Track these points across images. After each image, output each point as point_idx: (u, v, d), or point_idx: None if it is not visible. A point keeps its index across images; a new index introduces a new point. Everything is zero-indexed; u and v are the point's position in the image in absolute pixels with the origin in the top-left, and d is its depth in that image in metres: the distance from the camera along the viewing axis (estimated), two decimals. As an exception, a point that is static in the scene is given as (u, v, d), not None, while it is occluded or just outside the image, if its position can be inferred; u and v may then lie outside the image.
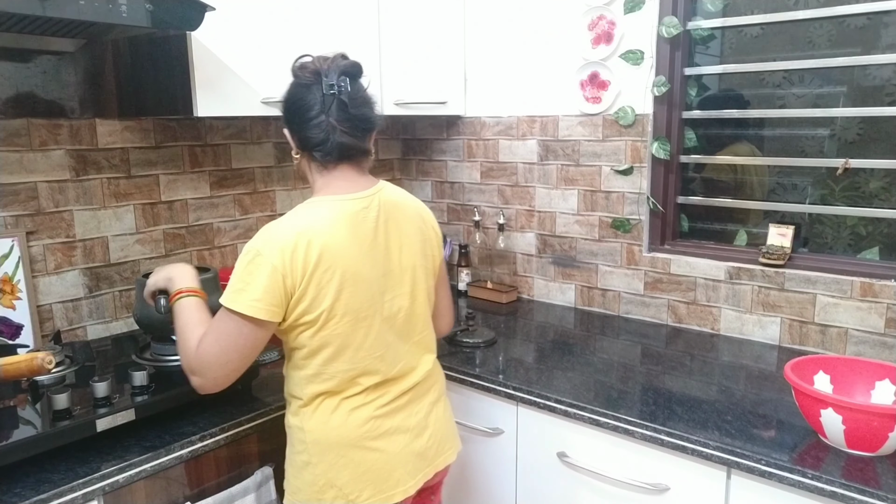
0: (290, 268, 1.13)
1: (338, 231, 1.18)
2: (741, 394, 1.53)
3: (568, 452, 1.54)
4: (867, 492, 1.13)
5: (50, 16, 1.19)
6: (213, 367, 1.16)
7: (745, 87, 1.95)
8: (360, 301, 1.20)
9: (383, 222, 1.25)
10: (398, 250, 1.27)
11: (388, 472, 1.25)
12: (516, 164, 2.32)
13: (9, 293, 1.61)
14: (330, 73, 1.21)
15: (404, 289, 1.28)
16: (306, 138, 1.22)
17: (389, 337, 1.26)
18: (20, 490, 1.14)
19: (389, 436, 1.26)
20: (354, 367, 1.22)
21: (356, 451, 1.23)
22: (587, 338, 1.96)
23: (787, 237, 1.84)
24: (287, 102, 1.25)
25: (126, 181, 1.82)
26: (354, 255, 1.19)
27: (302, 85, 1.22)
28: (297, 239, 1.14)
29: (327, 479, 1.22)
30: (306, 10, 1.79)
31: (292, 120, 1.24)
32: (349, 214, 1.20)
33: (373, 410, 1.24)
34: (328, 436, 1.22)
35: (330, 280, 1.16)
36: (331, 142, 1.21)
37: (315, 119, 1.21)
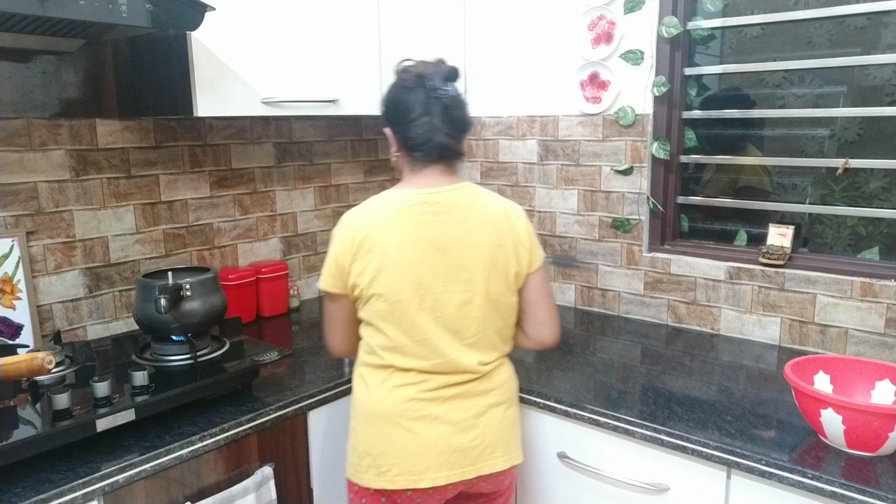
0: (342, 247, 1.30)
1: (386, 218, 1.28)
2: (741, 394, 1.53)
3: (568, 452, 1.54)
4: (867, 492, 1.13)
5: (50, 16, 1.19)
6: (330, 343, 1.42)
7: (745, 87, 1.95)
8: (397, 284, 1.27)
9: (448, 218, 1.30)
10: (457, 248, 1.29)
11: (419, 456, 1.29)
12: (516, 164, 2.32)
13: (9, 293, 1.61)
14: (433, 77, 1.30)
15: (458, 286, 1.29)
16: (409, 138, 1.31)
17: (432, 327, 1.29)
18: (20, 490, 1.14)
19: (428, 422, 1.29)
20: (397, 345, 1.29)
21: (392, 426, 1.29)
22: (587, 338, 1.96)
23: (787, 237, 1.84)
24: (390, 104, 1.35)
25: (126, 181, 1.82)
26: (399, 242, 1.27)
27: (405, 87, 1.31)
28: (354, 223, 1.30)
29: (365, 447, 1.31)
30: (306, 10, 1.79)
31: (395, 120, 1.33)
32: (407, 206, 1.29)
33: (415, 392, 1.30)
34: (370, 405, 1.31)
35: (370, 261, 1.27)
36: (432, 142, 1.30)
37: (418, 120, 1.29)
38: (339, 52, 1.89)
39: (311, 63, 1.82)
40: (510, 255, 1.33)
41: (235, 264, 2.11)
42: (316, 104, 1.85)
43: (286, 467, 1.52)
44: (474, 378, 1.33)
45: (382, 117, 1.37)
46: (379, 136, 2.57)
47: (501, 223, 1.33)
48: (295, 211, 2.27)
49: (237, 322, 1.71)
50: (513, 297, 1.36)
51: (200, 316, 1.55)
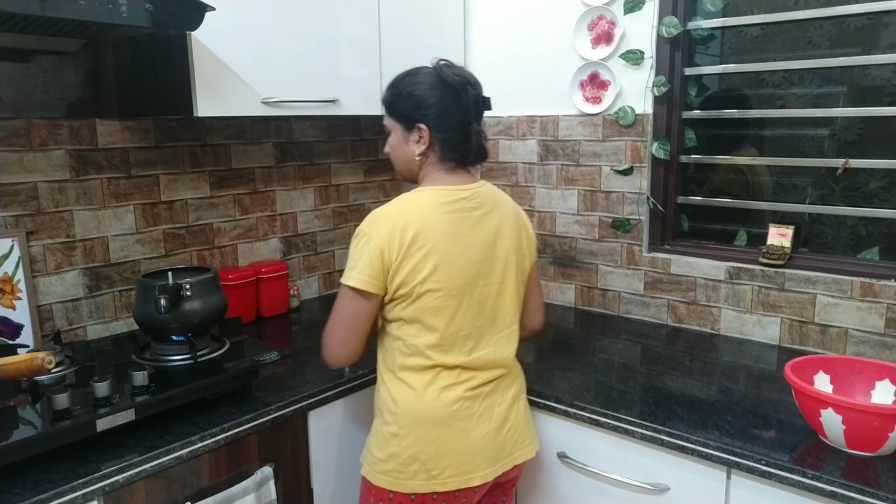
0: (387, 244, 1.24)
1: (434, 215, 1.27)
2: (741, 394, 1.53)
3: (568, 452, 1.54)
4: (867, 492, 1.13)
5: (50, 16, 1.19)
6: (326, 338, 1.32)
7: (746, 87, 1.95)
8: (451, 280, 1.27)
9: (482, 214, 1.33)
10: (493, 241, 1.34)
11: (471, 455, 1.30)
12: (516, 164, 2.32)
13: (9, 293, 1.61)
14: (477, 85, 1.33)
15: (495, 278, 1.34)
16: (451, 140, 1.32)
17: (478, 321, 1.33)
18: (20, 490, 1.14)
19: (476, 419, 1.31)
20: (443, 342, 1.29)
21: (444, 428, 1.28)
22: (587, 338, 1.96)
23: (787, 237, 1.84)
24: (435, 102, 1.30)
25: (126, 181, 1.82)
26: (449, 237, 1.27)
27: (452, 88, 1.30)
28: (396, 219, 1.26)
29: (412, 452, 1.28)
30: (306, 9, 1.79)
31: (439, 119, 1.30)
32: (449, 202, 1.29)
33: (462, 391, 1.30)
34: (420, 409, 1.28)
35: (424, 256, 1.25)
36: (476, 146, 1.34)
37: (464, 124, 1.31)
38: (340, 52, 1.89)
39: (310, 63, 1.82)
40: (525, 248, 1.42)
41: (235, 264, 2.11)
42: (316, 104, 1.85)
43: (286, 467, 1.52)
44: (506, 371, 1.38)
45: (416, 113, 1.31)
46: (380, 137, 2.57)
47: (519, 217, 1.43)
48: (295, 211, 2.27)
49: (237, 322, 1.71)
50: (523, 287, 1.43)
51: (200, 316, 1.55)
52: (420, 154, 1.33)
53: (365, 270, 1.25)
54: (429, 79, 1.31)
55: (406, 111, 1.33)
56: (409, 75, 1.35)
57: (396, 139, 1.37)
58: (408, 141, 1.34)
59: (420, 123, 1.31)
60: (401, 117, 1.34)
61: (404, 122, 1.34)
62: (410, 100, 1.31)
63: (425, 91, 1.30)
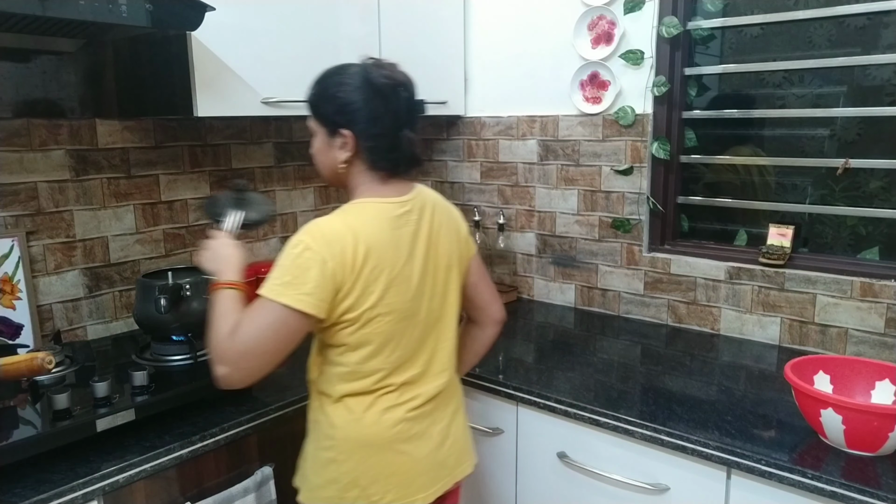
0: (339, 264, 1.12)
1: (383, 231, 1.18)
2: (741, 394, 1.53)
3: (568, 452, 1.54)
4: (867, 492, 1.13)
5: (50, 16, 1.19)
6: (246, 357, 1.12)
7: (746, 87, 1.95)
8: (402, 300, 1.20)
9: (424, 225, 1.26)
10: (436, 253, 1.28)
11: (412, 477, 1.25)
12: (516, 164, 2.32)
13: (9, 293, 1.61)
14: (409, 87, 1.22)
15: (439, 289, 1.29)
16: (379, 148, 1.21)
17: (425, 338, 1.27)
18: (20, 490, 1.14)
19: (417, 440, 1.26)
20: (389, 365, 1.22)
21: (385, 452, 1.22)
22: (587, 338, 1.96)
23: (787, 237, 1.84)
24: (359, 106, 1.19)
25: (126, 181, 1.82)
26: (398, 255, 1.20)
27: (380, 91, 1.18)
28: (346, 235, 1.14)
29: (352, 477, 1.22)
30: (306, 9, 1.79)
31: (363, 124, 1.19)
32: (394, 217, 1.21)
33: (404, 413, 1.24)
34: (360, 434, 1.21)
35: (377, 278, 1.16)
36: (407, 154, 1.23)
37: (393, 130, 1.20)
38: (340, 52, 1.89)
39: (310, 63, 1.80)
40: (463, 248, 1.35)
41: (235, 264, 2.11)
42: (316, 104, 1.85)
43: (286, 467, 1.52)
44: (445, 387, 1.32)
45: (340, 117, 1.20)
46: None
47: (454, 218, 1.35)
48: (295, 211, 2.27)
49: (237, 322, 1.71)
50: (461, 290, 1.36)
51: (200, 316, 1.54)
52: (344, 162, 1.22)
53: (314, 292, 1.11)
54: (355, 79, 1.19)
55: (329, 115, 1.21)
56: (335, 74, 1.23)
57: (320, 143, 1.26)
58: (331, 146, 1.23)
59: (344, 129, 1.19)
60: (324, 121, 1.23)
61: (328, 127, 1.22)
62: (334, 103, 1.20)
63: (350, 94, 1.18)
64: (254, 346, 1.12)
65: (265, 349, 1.12)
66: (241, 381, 1.14)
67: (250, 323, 1.12)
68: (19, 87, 1.61)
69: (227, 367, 1.12)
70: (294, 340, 1.14)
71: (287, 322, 1.11)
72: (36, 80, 1.63)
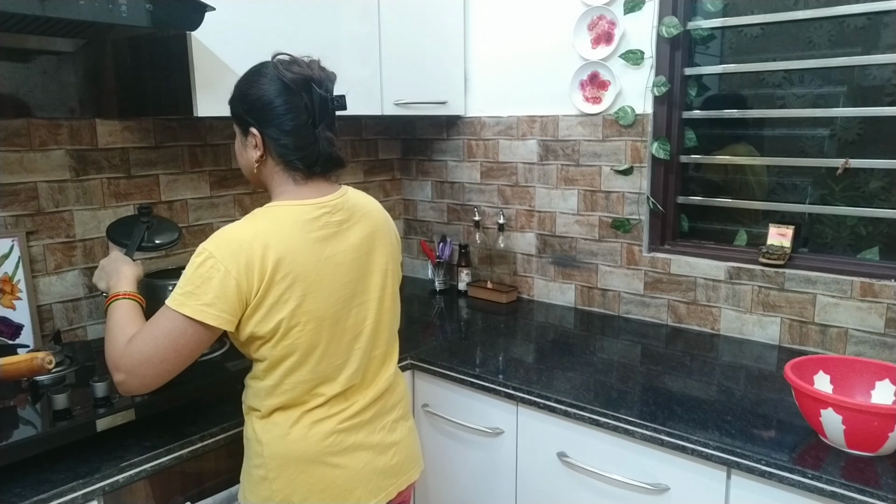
0: (244, 274, 1.08)
1: (297, 236, 1.13)
2: (741, 394, 1.53)
3: (568, 452, 1.54)
4: (867, 492, 1.13)
5: (50, 16, 1.19)
6: (143, 365, 1.09)
7: (745, 87, 1.95)
8: (323, 308, 1.16)
9: (350, 226, 1.22)
10: (366, 255, 1.24)
11: (348, 491, 1.22)
12: (516, 164, 2.32)
13: (9, 293, 1.61)
14: (324, 82, 1.17)
15: (371, 295, 1.25)
16: (288, 146, 1.16)
17: (354, 345, 1.23)
18: (20, 490, 1.14)
19: (352, 452, 1.22)
20: (316, 376, 1.18)
21: (316, 466, 1.19)
22: (587, 338, 1.96)
23: (787, 237, 1.84)
24: (264, 101, 1.15)
25: (126, 181, 1.82)
26: (316, 260, 1.15)
27: (288, 87, 1.14)
28: (253, 243, 1.09)
29: (284, 495, 1.18)
30: (306, 9, 1.79)
31: (269, 122, 1.16)
32: (310, 220, 1.16)
33: (335, 424, 1.20)
34: (287, 450, 1.17)
35: (290, 286, 1.11)
36: (321, 154, 1.18)
37: (304, 128, 1.16)
38: (340, 52, 1.89)
39: (311, 63, 1.82)
40: (396, 252, 1.33)
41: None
42: (316, 104, 1.85)
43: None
44: (384, 394, 1.29)
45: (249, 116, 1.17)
46: (380, 137, 2.57)
47: (386, 221, 1.32)
48: (295, 211, 2.27)
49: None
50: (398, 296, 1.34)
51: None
52: (257, 161, 1.18)
53: (215, 303, 1.07)
54: (266, 78, 1.16)
55: (239, 114, 1.19)
56: (251, 73, 1.20)
57: (237, 144, 1.24)
58: (245, 146, 1.20)
59: (252, 128, 1.17)
60: (236, 120, 1.21)
61: (240, 126, 1.21)
62: (244, 101, 1.17)
63: (259, 91, 1.15)
64: (151, 355, 1.09)
65: (163, 357, 1.09)
66: (139, 389, 1.12)
67: (149, 332, 1.10)
68: (19, 87, 1.61)
69: (124, 375, 1.11)
70: (195, 350, 1.11)
71: (186, 332, 1.08)
72: (36, 80, 1.63)
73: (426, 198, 2.61)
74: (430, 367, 1.77)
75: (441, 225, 2.58)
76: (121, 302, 1.22)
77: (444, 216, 2.57)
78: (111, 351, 1.14)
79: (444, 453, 1.80)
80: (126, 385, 1.12)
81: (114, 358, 1.13)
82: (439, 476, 1.83)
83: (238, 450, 1.42)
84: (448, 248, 2.48)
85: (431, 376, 1.78)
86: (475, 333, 2.05)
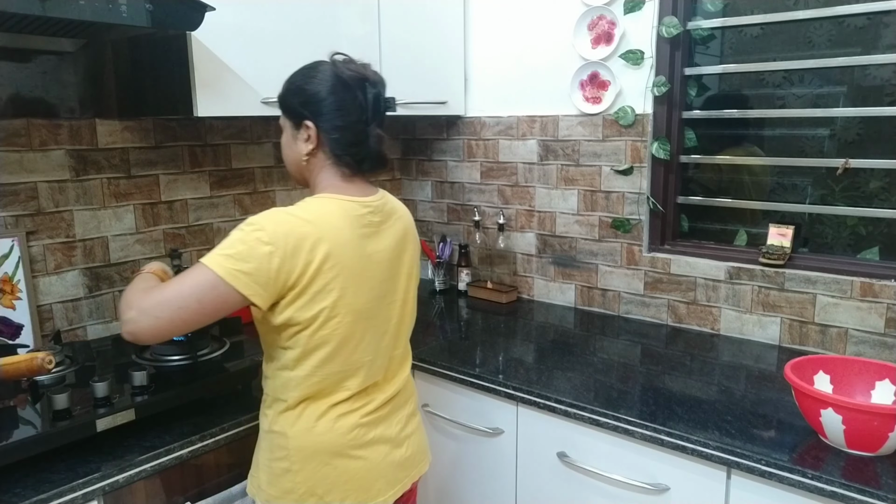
0: (290, 258, 1.09)
1: (346, 230, 1.17)
2: (741, 394, 1.53)
3: (568, 452, 1.54)
4: (867, 492, 1.13)
5: (50, 16, 1.19)
6: (160, 306, 1.07)
7: (745, 87, 1.95)
8: (360, 303, 1.19)
9: (385, 229, 1.25)
10: (398, 256, 1.28)
11: (370, 482, 1.24)
12: (516, 164, 2.32)
13: (9, 293, 1.61)
14: (378, 84, 1.21)
15: (398, 296, 1.29)
16: (342, 141, 1.20)
17: (381, 343, 1.26)
18: (20, 490, 1.14)
19: (373, 445, 1.25)
20: (346, 369, 1.20)
21: (340, 459, 1.21)
22: (587, 338, 1.96)
23: (787, 237, 1.84)
24: (323, 96, 1.18)
25: (126, 181, 1.82)
26: (359, 256, 1.18)
27: (347, 84, 1.18)
28: (305, 230, 1.11)
29: (308, 486, 1.20)
30: (306, 9, 1.79)
31: (324, 116, 1.19)
32: (357, 217, 1.20)
33: (359, 418, 1.23)
34: (313, 442, 1.19)
35: (335, 277, 1.14)
36: (373, 151, 1.22)
37: (358, 124, 1.20)
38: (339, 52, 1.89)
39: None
40: (418, 255, 1.37)
41: (235, 264, 2.11)
42: (316, 104, 1.85)
43: (286, 467, 1.52)
44: (400, 390, 1.33)
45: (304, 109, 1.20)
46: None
47: (413, 226, 1.36)
48: (295, 211, 2.27)
49: (237, 322, 1.71)
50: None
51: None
52: (307, 154, 1.21)
53: (252, 274, 1.07)
54: (324, 74, 1.19)
55: (294, 107, 1.22)
56: (307, 69, 1.23)
57: (286, 137, 1.26)
58: (296, 139, 1.23)
59: (307, 121, 1.19)
60: (289, 113, 1.23)
61: (292, 119, 1.23)
62: (300, 95, 1.20)
63: (316, 86, 1.19)
64: (171, 298, 1.07)
65: (182, 304, 1.07)
66: (147, 331, 1.08)
67: (175, 281, 1.10)
68: (19, 87, 1.61)
69: (136, 312, 1.07)
70: (217, 310, 1.09)
71: (215, 289, 1.07)
72: (36, 80, 1.63)
73: (426, 198, 2.61)
74: (430, 367, 1.77)
75: (441, 225, 2.58)
76: (143, 274, 1.27)
77: (444, 216, 2.57)
78: (128, 296, 1.12)
79: (444, 453, 1.80)
80: (134, 324, 1.07)
81: (129, 298, 1.11)
82: (439, 476, 1.83)
83: (239, 449, 1.42)
84: (448, 248, 2.48)
85: (431, 376, 1.78)
86: (475, 333, 2.05)
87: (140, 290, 1.13)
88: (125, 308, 1.10)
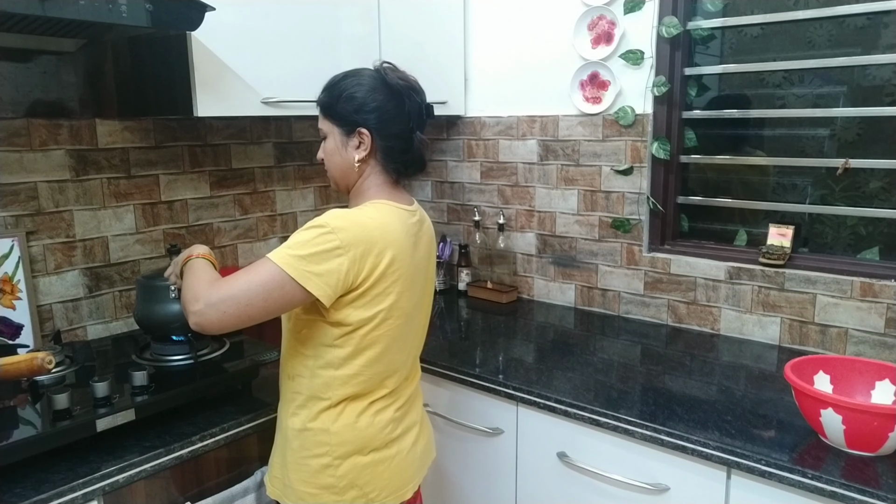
0: (358, 260, 1.13)
1: (403, 236, 1.21)
2: (741, 394, 1.53)
3: (568, 452, 1.54)
4: (867, 492, 1.13)
5: (50, 16, 1.19)
6: (227, 301, 1.10)
7: (746, 87, 1.95)
8: (409, 306, 1.24)
9: (423, 235, 1.30)
10: (428, 263, 1.33)
11: (402, 471, 1.30)
12: (516, 164, 2.32)
13: (9, 293, 1.61)
14: (422, 92, 1.26)
15: (426, 300, 1.35)
16: (394, 148, 1.24)
17: (415, 342, 1.34)
18: (20, 490, 1.14)
19: (403, 435, 1.31)
20: (388, 368, 1.25)
21: (379, 451, 1.26)
22: (587, 338, 1.96)
23: (787, 237, 1.84)
24: (376, 105, 1.22)
25: (126, 181, 1.82)
26: (411, 261, 1.23)
27: (396, 93, 1.22)
28: (374, 235, 1.15)
29: (349, 479, 1.23)
30: (306, 9, 1.79)
31: (383, 124, 1.22)
32: (409, 224, 1.25)
33: (392, 413, 1.28)
34: (356, 437, 1.23)
35: (395, 281, 1.19)
36: (417, 157, 1.27)
37: (408, 132, 1.24)
38: (340, 52, 1.89)
39: (310, 63, 1.82)
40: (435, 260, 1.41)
41: (235, 264, 2.11)
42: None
43: (286, 467, 1.52)
44: (416, 388, 1.40)
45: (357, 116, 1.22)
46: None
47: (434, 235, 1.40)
48: (295, 211, 2.27)
49: (237, 322, 1.71)
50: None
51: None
52: (360, 161, 1.23)
53: (323, 275, 1.11)
54: (371, 81, 1.23)
55: (346, 114, 1.23)
56: (350, 76, 1.25)
57: (334, 144, 1.26)
58: (346, 146, 1.24)
59: (362, 128, 1.22)
60: (340, 120, 1.24)
61: (344, 126, 1.24)
62: (351, 102, 1.22)
63: (367, 94, 1.21)
64: (239, 294, 1.10)
65: (249, 301, 1.10)
66: (213, 323, 1.11)
67: (244, 276, 1.12)
68: (19, 87, 1.61)
69: (203, 305, 1.10)
70: (283, 307, 1.13)
71: (283, 288, 1.10)
72: (36, 80, 1.63)
73: (426, 198, 2.61)
74: (430, 367, 1.77)
75: (441, 225, 2.58)
76: (197, 260, 1.26)
77: (444, 216, 2.57)
78: (194, 286, 1.14)
79: (444, 453, 1.80)
80: (202, 315, 1.10)
81: (195, 290, 1.13)
82: (439, 476, 1.83)
83: (238, 449, 1.42)
84: (448, 248, 2.48)
85: (431, 376, 1.78)
86: (475, 333, 2.05)
87: (205, 281, 1.15)
88: (192, 299, 1.12)
